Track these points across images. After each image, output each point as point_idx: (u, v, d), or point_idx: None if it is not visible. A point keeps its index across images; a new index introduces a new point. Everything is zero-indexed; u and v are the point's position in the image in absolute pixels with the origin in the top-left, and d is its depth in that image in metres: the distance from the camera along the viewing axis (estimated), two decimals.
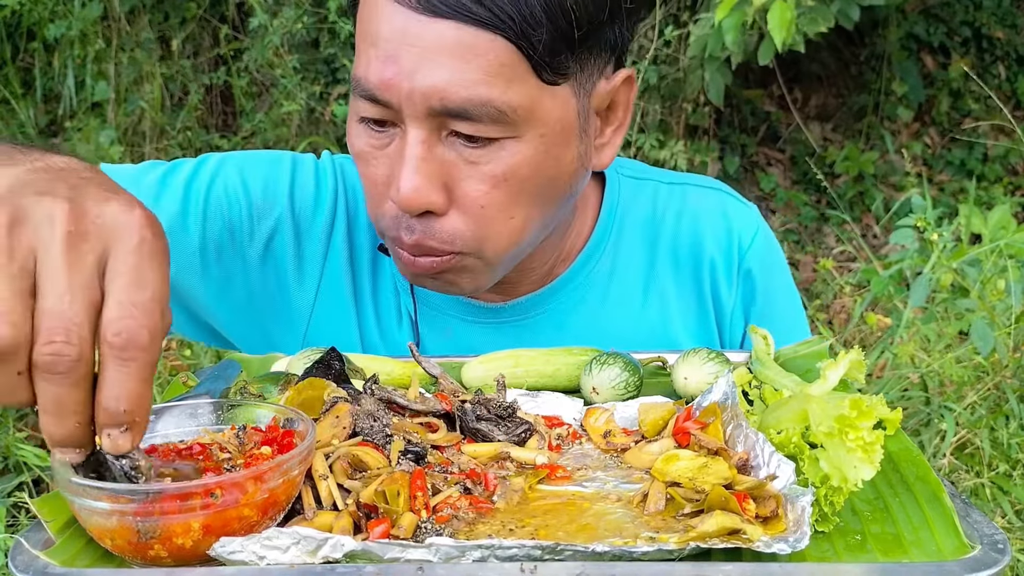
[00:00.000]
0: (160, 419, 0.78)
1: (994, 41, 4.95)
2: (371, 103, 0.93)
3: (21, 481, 2.66)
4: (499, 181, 0.95)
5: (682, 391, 0.99)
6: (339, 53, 4.28)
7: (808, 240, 4.47)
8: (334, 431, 0.79)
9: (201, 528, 0.64)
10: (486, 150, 0.94)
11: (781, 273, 1.29)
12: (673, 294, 1.23)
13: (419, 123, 0.92)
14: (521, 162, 0.95)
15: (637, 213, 1.23)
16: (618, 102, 1.05)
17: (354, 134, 0.99)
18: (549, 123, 0.95)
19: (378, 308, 1.20)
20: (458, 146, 0.94)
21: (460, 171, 0.95)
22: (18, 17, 4.62)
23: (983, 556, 0.66)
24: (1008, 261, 2.60)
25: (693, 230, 1.23)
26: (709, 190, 1.27)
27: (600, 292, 1.21)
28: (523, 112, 0.92)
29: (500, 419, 0.86)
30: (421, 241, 0.97)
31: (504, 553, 0.64)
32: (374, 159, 0.98)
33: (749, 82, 4.85)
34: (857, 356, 0.86)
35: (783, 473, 0.72)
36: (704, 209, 1.24)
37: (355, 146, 1.00)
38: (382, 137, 0.97)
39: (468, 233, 0.97)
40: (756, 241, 1.24)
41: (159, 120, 4.59)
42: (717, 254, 1.23)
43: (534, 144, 0.95)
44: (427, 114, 0.91)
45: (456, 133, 0.93)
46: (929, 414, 2.64)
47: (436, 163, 0.94)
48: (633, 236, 1.23)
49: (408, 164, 0.93)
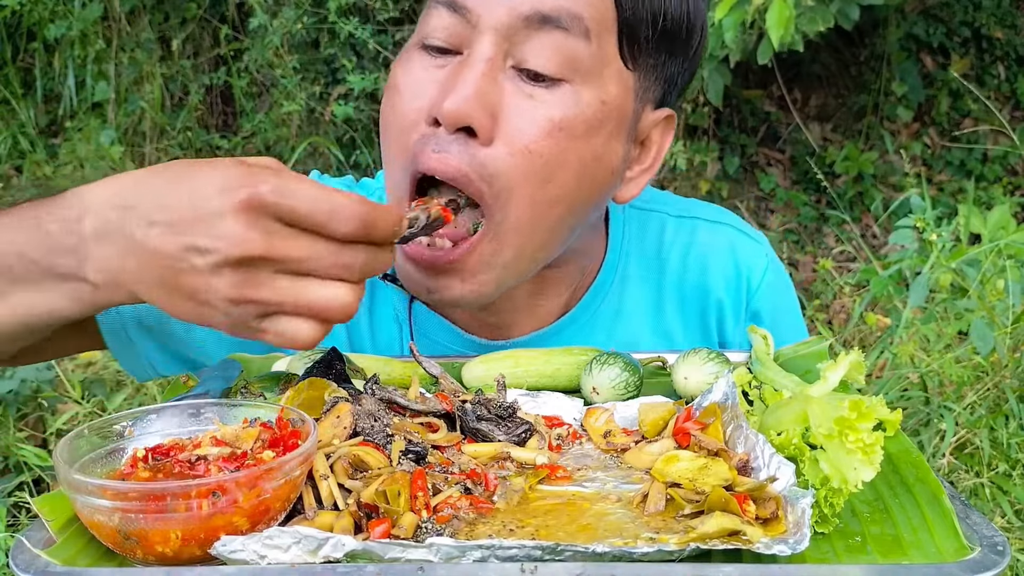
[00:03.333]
0: (161, 418, 0.78)
1: (994, 41, 4.94)
2: (450, 12, 0.92)
3: (21, 481, 2.66)
4: (553, 128, 0.92)
5: (682, 391, 0.99)
6: (339, 53, 4.28)
7: (808, 240, 4.47)
8: (335, 431, 0.79)
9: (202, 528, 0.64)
10: (547, 89, 0.93)
11: (788, 306, 1.26)
12: (680, 336, 1.20)
13: (492, 37, 0.91)
14: (578, 115, 0.93)
15: (644, 248, 1.20)
16: (652, 141, 1.05)
17: (407, 63, 0.97)
18: (610, 96, 0.95)
19: (376, 341, 1.17)
20: (520, 81, 0.93)
21: (516, 104, 0.92)
22: (18, 17, 4.62)
23: (982, 558, 0.66)
24: (1007, 261, 2.60)
25: (700, 270, 1.20)
26: (718, 225, 1.22)
27: (605, 333, 1.17)
28: (598, 59, 0.93)
29: (500, 419, 0.86)
30: (457, 164, 0.91)
31: (504, 553, 0.64)
32: (420, 88, 0.94)
33: (749, 82, 4.85)
34: (857, 357, 0.86)
35: (783, 475, 0.72)
36: (713, 247, 1.20)
37: (404, 74, 0.96)
38: (439, 62, 0.94)
39: (502, 167, 0.92)
40: (764, 281, 1.21)
41: (159, 120, 4.59)
42: (724, 295, 1.20)
43: (594, 106, 0.94)
44: (508, 25, 0.90)
45: (518, 69, 0.92)
46: (929, 414, 2.64)
47: (493, 88, 0.92)
48: (639, 274, 1.19)
49: (469, 77, 0.91)
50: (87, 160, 4.37)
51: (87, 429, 0.74)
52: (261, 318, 0.71)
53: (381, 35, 4.22)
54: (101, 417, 1.04)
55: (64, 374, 2.92)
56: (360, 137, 4.34)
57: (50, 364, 2.92)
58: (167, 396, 0.95)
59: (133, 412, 0.78)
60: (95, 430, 0.75)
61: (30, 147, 4.55)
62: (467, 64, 0.92)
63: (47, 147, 4.63)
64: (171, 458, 0.73)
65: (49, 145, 4.67)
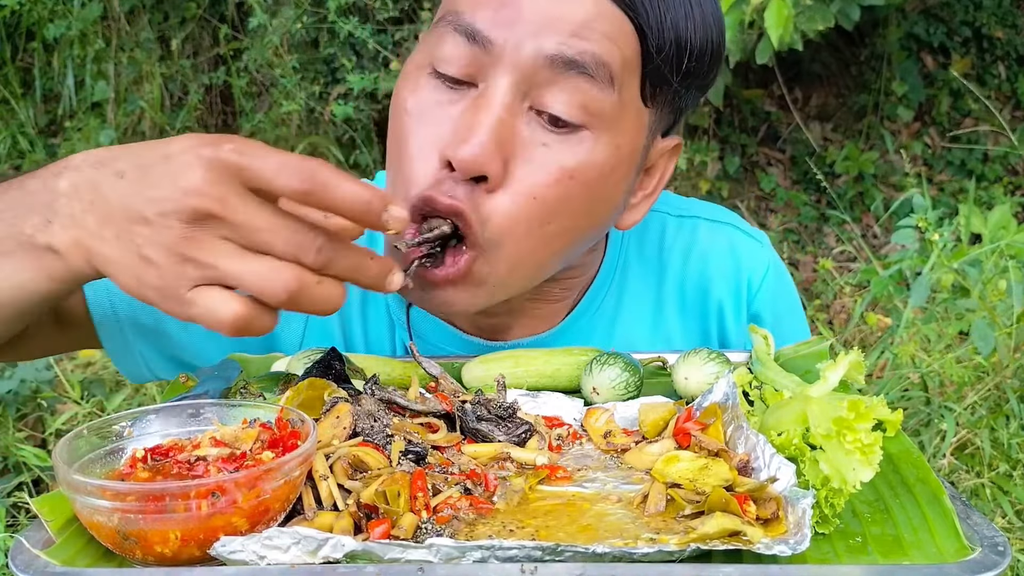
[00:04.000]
0: (160, 419, 0.78)
1: (994, 41, 4.94)
2: (467, 41, 0.88)
3: (21, 481, 2.66)
4: (563, 176, 0.90)
5: (682, 391, 0.99)
6: (338, 53, 4.28)
7: (808, 240, 4.47)
8: (334, 431, 0.79)
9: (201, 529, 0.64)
10: (564, 137, 0.90)
11: (790, 306, 1.25)
12: (679, 338, 1.19)
13: (512, 76, 0.88)
14: (591, 163, 0.91)
15: (644, 249, 1.19)
16: (657, 167, 1.04)
17: (416, 87, 0.93)
18: (625, 139, 0.93)
19: (369, 346, 1.16)
20: (536, 126, 0.90)
21: (529, 151, 0.89)
22: (18, 17, 4.62)
23: (983, 558, 0.66)
24: (1009, 261, 2.60)
25: (701, 270, 1.19)
26: (719, 225, 1.21)
27: (604, 335, 1.16)
28: (619, 105, 0.90)
29: (500, 419, 0.86)
30: (458, 206, 0.89)
31: (504, 554, 0.64)
32: (433, 117, 0.91)
33: (749, 82, 4.85)
34: (857, 357, 0.86)
35: (784, 475, 0.72)
36: (713, 248, 1.19)
37: (415, 100, 0.92)
38: (453, 94, 0.91)
39: (500, 221, 0.90)
40: (765, 282, 1.20)
41: (159, 120, 4.59)
42: (725, 296, 1.19)
43: (608, 152, 0.92)
44: (530, 64, 0.87)
45: (538, 112, 0.89)
46: (929, 414, 2.64)
47: (509, 133, 0.89)
48: (638, 275, 1.18)
49: (485, 122, 0.87)
50: None
51: (86, 429, 0.74)
52: (194, 288, 0.68)
53: (381, 35, 4.22)
54: (100, 417, 1.04)
55: (63, 374, 2.92)
56: (360, 137, 4.34)
57: (49, 364, 2.92)
58: (166, 396, 0.95)
59: (132, 412, 0.78)
60: (94, 430, 0.75)
61: (29, 147, 4.55)
62: (484, 106, 0.88)
63: (46, 147, 4.63)
64: (170, 458, 0.73)
65: (48, 145, 4.67)
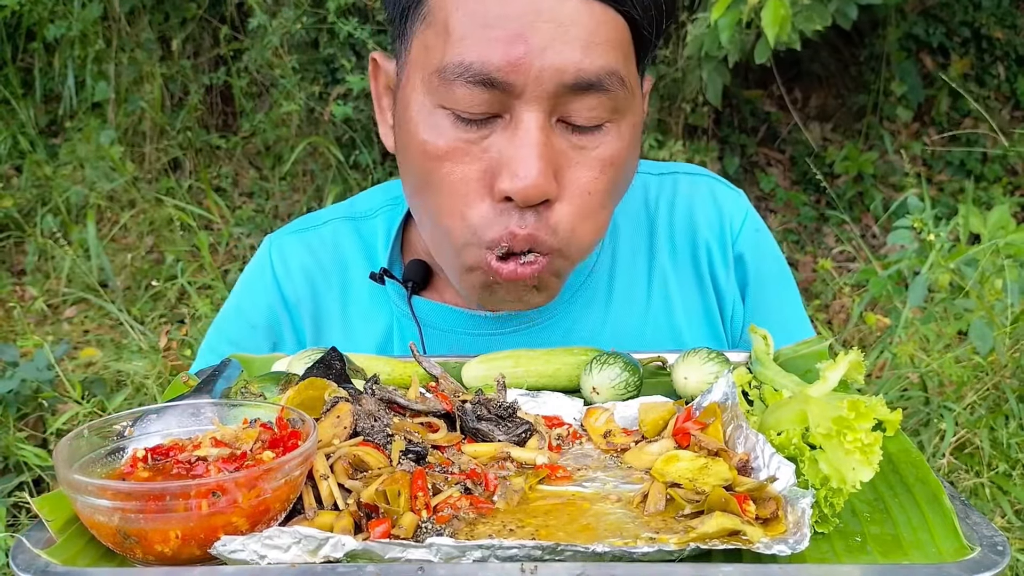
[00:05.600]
0: (161, 418, 0.78)
1: (993, 41, 4.94)
2: (483, 88, 0.90)
3: (21, 481, 2.66)
4: (606, 166, 0.96)
5: (682, 391, 0.99)
6: (338, 53, 4.28)
7: (808, 240, 4.47)
8: (335, 431, 0.79)
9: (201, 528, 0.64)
10: (593, 136, 0.95)
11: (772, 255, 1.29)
12: (675, 284, 1.23)
13: (539, 105, 0.91)
14: (623, 147, 0.98)
15: (629, 207, 1.24)
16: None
17: (437, 130, 0.94)
18: (638, 112, 1.00)
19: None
20: (566, 134, 0.95)
21: (570, 158, 0.95)
22: (18, 17, 4.62)
23: (982, 558, 0.66)
24: (1006, 261, 2.60)
25: (687, 217, 1.24)
26: (698, 176, 1.28)
27: (603, 293, 1.20)
28: (632, 90, 0.96)
29: (500, 419, 0.86)
30: (535, 234, 0.94)
31: (504, 553, 0.64)
32: (465, 156, 0.94)
33: (748, 82, 4.85)
34: (856, 357, 0.86)
35: (783, 475, 0.72)
36: (696, 196, 1.25)
37: (443, 143, 0.94)
38: (480, 130, 0.93)
39: (567, 223, 0.96)
40: (745, 226, 1.25)
41: (159, 120, 4.59)
42: (712, 239, 1.23)
43: (630, 131, 0.98)
44: (553, 93, 0.91)
45: (563, 122, 0.94)
46: (928, 414, 2.64)
47: (551, 152, 0.93)
48: (628, 231, 1.23)
49: (531, 150, 0.91)
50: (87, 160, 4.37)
51: (87, 429, 0.74)
52: None
53: (380, 35, 4.22)
54: (101, 417, 1.04)
55: (64, 374, 2.92)
56: (360, 137, 4.34)
57: (50, 364, 2.92)
58: (167, 397, 0.95)
59: (133, 412, 0.78)
60: (95, 430, 0.75)
61: (30, 147, 4.55)
62: (522, 136, 0.91)
63: (47, 147, 4.63)
64: (171, 458, 0.73)
65: (49, 145, 4.67)
